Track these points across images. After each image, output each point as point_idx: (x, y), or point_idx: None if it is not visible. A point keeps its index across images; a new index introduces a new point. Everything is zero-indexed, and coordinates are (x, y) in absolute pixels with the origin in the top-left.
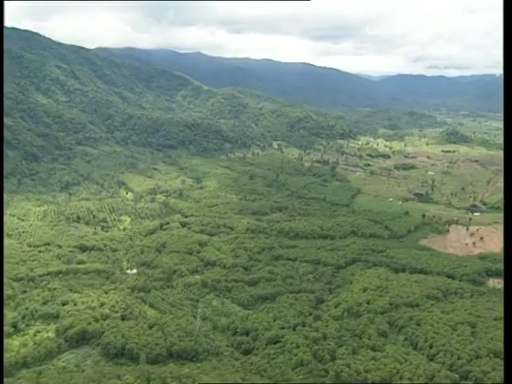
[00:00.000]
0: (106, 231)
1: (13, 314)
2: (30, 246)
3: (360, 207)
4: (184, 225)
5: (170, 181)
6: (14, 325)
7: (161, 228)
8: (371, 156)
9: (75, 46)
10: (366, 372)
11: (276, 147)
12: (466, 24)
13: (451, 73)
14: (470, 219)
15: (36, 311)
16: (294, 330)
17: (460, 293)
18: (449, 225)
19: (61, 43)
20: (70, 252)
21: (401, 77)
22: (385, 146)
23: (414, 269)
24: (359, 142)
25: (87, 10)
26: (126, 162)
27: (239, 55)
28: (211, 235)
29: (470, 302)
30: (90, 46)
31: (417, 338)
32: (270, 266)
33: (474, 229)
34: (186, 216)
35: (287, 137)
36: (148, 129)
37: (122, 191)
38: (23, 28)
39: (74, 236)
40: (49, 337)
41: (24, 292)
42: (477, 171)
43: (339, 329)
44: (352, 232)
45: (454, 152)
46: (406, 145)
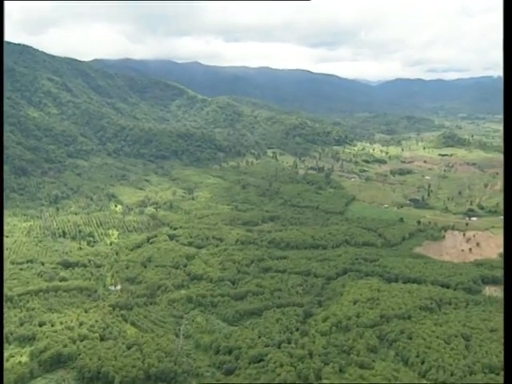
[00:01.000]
0: (92, 246)
1: None
2: (13, 264)
3: (354, 215)
4: (172, 237)
5: (161, 192)
6: None
7: (148, 241)
8: (367, 162)
9: (68, 59)
10: None
11: (271, 155)
12: (463, 26)
13: (449, 76)
14: (467, 224)
15: (11, 333)
16: (279, 348)
17: (454, 303)
18: (445, 231)
19: (54, 56)
20: (53, 269)
21: (399, 81)
22: (381, 152)
23: (408, 278)
24: (355, 148)
25: (82, 23)
26: (118, 174)
27: (236, 64)
28: (199, 248)
29: (465, 313)
30: (87, 59)
31: (408, 353)
32: (258, 279)
33: (471, 234)
34: (175, 228)
35: (282, 144)
36: (140, 140)
37: (112, 204)
38: (20, 42)
39: (59, 252)
40: (21, 362)
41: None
42: (474, 174)
43: (326, 345)
44: (345, 241)
45: (452, 155)
46: (403, 149)
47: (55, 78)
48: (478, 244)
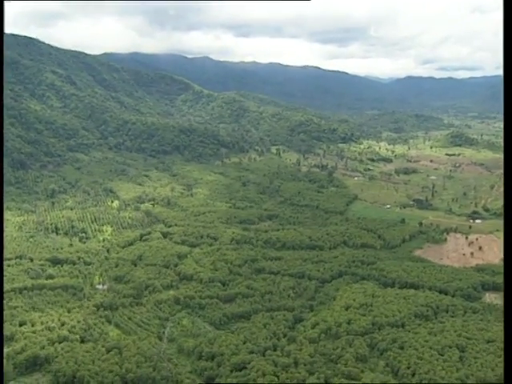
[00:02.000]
0: (84, 243)
1: None
2: None
3: (354, 215)
4: (166, 235)
5: (160, 188)
6: None
7: (141, 239)
8: (372, 160)
9: (75, 52)
10: None
11: (274, 152)
12: (475, 24)
13: (461, 74)
14: (470, 227)
15: None
16: (264, 355)
17: (452, 310)
18: (447, 233)
19: (59, 48)
20: (41, 266)
21: (410, 79)
22: (387, 150)
23: (404, 283)
24: (361, 146)
25: (91, 16)
26: (117, 169)
27: (247, 59)
28: (193, 246)
29: (462, 322)
30: (97, 52)
31: (399, 364)
32: (250, 281)
33: (474, 237)
34: (170, 226)
35: (287, 141)
36: (142, 134)
37: (109, 199)
38: (28, 35)
39: (49, 248)
40: None
41: None
42: (481, 175)
43: (313, 353)
44: (343, 242)
45: (459, 155)
46: (410, 148)
47: (59, 71)
48: (481, 248)
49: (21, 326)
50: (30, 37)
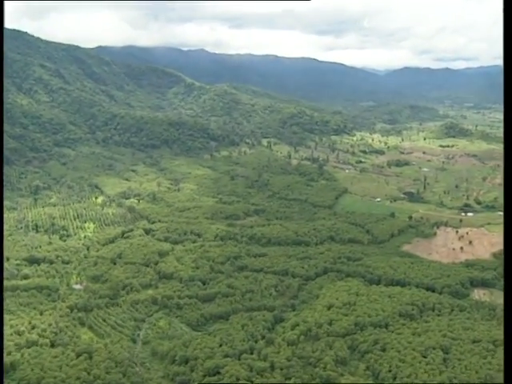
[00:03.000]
0: (64, 240)
1: None
2: None
3: (343, 209)
4: (148, 232)
5: (146, 183)
6: None
7: (122, 236)
8: (364, 152)
9: (65, 45)
10: None
11: (265, 145)
12: (472, 14)
13: (458, 65)
14: (461, 220)
15: None
16: (239, 359)
17: (438, 308)
18: (437, 227)
19: (49, 42)
20: (17, 265)
21: (407, 70)
22: (380, 142)
23: (391, 280)
24: (354, 138)
25: (84, 9)
26: (104, 164)
27: (242, 51)
28: (175, 243)
29: (448, 321)
30: (91, 46)
31: (380, 367)
32: (232, 279)
33: (464, 231)
34: (153, 222)
35: (278, 133)
36: (131, 128)
37: (93, 195)
38: (22, 28)
39: (27, 247)
40: None
41: None
42: (474, 167)
43: (291, 356)
44: (329, 237)
45: (453, 147)
46: (403, 140)
47: (48, 65)
48: (471, 242)
49: None
50: (19, 30)
